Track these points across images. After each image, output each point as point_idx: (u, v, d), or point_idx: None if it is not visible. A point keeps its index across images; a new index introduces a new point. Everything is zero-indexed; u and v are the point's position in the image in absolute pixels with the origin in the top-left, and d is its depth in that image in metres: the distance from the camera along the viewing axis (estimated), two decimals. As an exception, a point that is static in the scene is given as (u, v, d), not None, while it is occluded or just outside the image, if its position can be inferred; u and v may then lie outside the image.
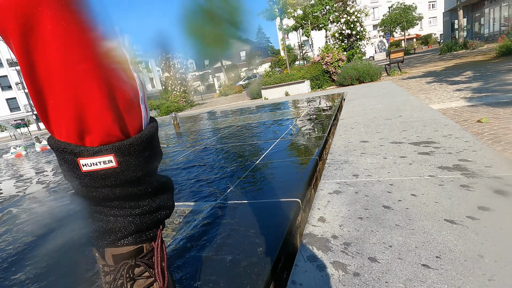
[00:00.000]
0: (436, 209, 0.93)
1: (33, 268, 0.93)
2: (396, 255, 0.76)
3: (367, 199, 1.07)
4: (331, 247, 0.84)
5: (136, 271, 0.53)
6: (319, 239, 0.88)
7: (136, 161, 0.47)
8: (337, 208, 1.05)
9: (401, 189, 1.11)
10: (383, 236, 0.84)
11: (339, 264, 0.76)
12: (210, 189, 1.39)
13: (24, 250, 1.07)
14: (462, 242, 0.76)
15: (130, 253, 0.52)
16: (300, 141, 2.05)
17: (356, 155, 1.60)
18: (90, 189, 0.47)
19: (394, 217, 0.93)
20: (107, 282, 0.52)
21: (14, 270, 0.94)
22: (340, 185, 1.24)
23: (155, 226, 0.56)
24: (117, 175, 0.46)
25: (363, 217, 0.96)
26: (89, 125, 0.42)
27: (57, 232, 1.20)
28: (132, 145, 0.46)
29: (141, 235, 0.53)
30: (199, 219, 1.09)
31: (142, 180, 0.50)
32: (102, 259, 0.53)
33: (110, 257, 0.51)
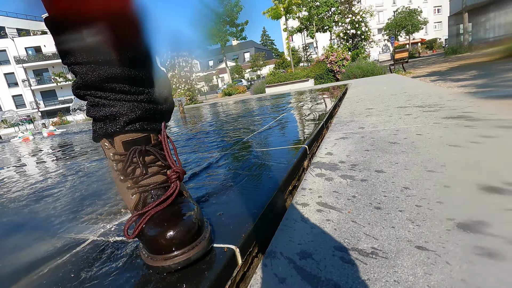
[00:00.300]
0: (441, 141, 0.96)
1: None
2: (402, 167, 0.78)
3: (373, 140, 1.10)
4: (339, 167, 0.87)
5: (147, 160, 0.54)
6: (327, 164, 0.91)
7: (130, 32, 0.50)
8: (344, 146, 1.08)
9: (406, 132, 1.13)
10: (389, 158, 0.87)
11: (347, 176, 0.79)
12: (225, 142, 1.43)
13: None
14: (465, 156, 0.79)
15: (138, 140, 0.53)
16: (307, 112, 2.08)
17: (362, 117, 1.62)
18: (92, 66, 0.49)
19: (400, 148, 0.95)
20: (118, 169, 0.53)
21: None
22: (347, 134, 1.27)
23: (159, 118, 0.58)
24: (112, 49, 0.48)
25: (369, 149, 0.99)
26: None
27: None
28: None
29: (146, 123, 0.55)
30: (219, 156, 1.12)
31: (140, 61, 0.53)
32: (112, 148, 0.54)
33: (120, 145, 0.53)
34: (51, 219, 0.76)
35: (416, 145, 0.95)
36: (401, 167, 0.78)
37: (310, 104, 2.58)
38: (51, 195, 1.01)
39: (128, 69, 0.51)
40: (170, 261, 0.42)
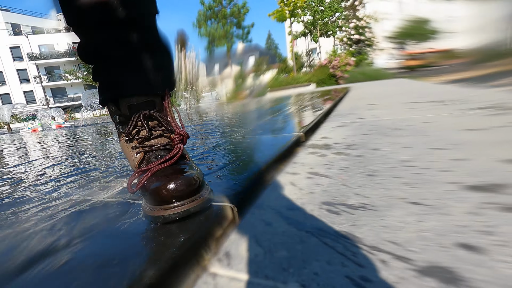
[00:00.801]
0: (454, 125, 0.94)
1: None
2: (403, 146, 0.79)
3: (373, 127, 1.11)
4: (333, 147, 0.88)
5: (151, 124, 0.56)
6: (321, 145, 0.93)
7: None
8: (341, 132, 1.09)
9: (412, 120, 1.13)
10: (390, 140, 0.87)
11: (341, 153, 0.80)
12: (230, 129, 1.45)
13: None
14: (485, 137, 0.79)
15: (143, 104, 0.55)
16: (304, 109, 2.10)
17: (362, 110, 1.64)
18: (96, 33, 0.51)
19: (403, 132, 0.95)
20: (123, 131, 0.55)
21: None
22: (345, 123, 1.28)
23: (162, 85, 0.59)
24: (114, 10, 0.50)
25: (367, 134, 1.00)
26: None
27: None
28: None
29: (150, 88, 0.57)
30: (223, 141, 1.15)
31: (142, 28, 0.55)
32: (117, 111, 0.56)
33: (126, 108, 0.54)
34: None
35: (423, 130, 0.94)
36: (402, 146, 0.79)
37: (309, 103, 2.60)
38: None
39: (135, 34, 0.53)
40: (170, 211, 0.44)
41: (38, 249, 0.41)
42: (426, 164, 0.63)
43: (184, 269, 0.37)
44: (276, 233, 0.42)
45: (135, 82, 0.55)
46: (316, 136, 1.09)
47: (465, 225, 0.38)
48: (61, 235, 0.45)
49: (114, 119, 0.58)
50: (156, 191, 0.45)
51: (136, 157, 0.54)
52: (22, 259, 0.39)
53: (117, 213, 0.53)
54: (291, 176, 0.66)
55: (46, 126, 5.84)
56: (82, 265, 0.36)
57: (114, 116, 0.58)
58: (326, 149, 0.87)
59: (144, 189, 0.47)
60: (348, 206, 0.48)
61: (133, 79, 0.55)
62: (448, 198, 0.46)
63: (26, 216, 0.56)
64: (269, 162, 0.71)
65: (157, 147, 0.54)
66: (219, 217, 0.47)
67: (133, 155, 0.54)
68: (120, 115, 0.56)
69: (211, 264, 0.38)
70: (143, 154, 0.53)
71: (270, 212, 0.49)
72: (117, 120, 0.56)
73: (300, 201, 0.52)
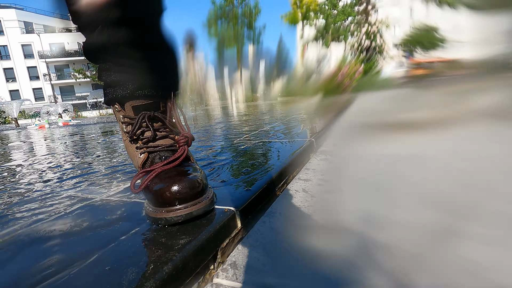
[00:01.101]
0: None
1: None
2: (410, 161, 0.78)
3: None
4: (344, 154, 0.87)
5: (155, 125, 0.56)
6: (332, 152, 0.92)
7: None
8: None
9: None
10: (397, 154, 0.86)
11: (352, 161, 0.79)
12: (239, 131, 1.45)
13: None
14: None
15: (148, 105, 0.56)
16: (315, 116, 2.09)
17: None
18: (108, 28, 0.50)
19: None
20: (127, 131, 0.56)
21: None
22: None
23: (167, 86, 0.59)
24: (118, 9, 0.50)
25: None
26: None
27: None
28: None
29: (155, 90, 0.56)
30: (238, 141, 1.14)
31: (148, 28, 0.54)
32: (122, 111, 0.56)
33: (130, 109, 0.55)
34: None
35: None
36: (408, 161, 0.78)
37: (319, 110, 2.59)
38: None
39: (140, 34, 0.53)
40: (173, 213, 0.43)
41: (30, 247, 0.40)
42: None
43: (187, 278, 0.36)
44: (286, 242, 0.41)
45: (140, 83, 0.54)
46: (328, 142, 1.08)
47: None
48: (54, 235, 0.44)
49: (119, 119, 0.57)
50: (159, 193, 0.44)
51: (140, 157, 0.54)
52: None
53: (118, 213, 0.52)
54: (303, 182, 0.65)
55: (53, 123, 5.90)
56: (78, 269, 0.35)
57: (118, 116, 0.57)
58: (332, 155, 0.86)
59: (147, 190, 0.47)
60: (360, 216, 0.46)
61: (138, 80, 0.54)
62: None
63: (21, 214, 0.55)
64: (282, 168, 0.70)
65: (161, 148, 0.54)
66: (227, 225, 0.45)
67: (137, 155, 0.54)
68: (124, 115, 0.55)
69: (216, 274, 0.37)
70: (147, 154, 0.53)
71: (281, 220, 0.48)
72: (121, 120, 0.56)
73: (312, 208, 0.50)
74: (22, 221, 0.52)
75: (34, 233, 0.46)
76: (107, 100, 0.57)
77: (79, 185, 0.72)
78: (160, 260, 0.34)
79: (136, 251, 0.37)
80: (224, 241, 0.46)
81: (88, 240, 0.42)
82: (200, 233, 0.42)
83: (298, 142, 1.01)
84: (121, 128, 0.57)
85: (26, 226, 0.49)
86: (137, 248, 0.38)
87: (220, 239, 0.45)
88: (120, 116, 0.56)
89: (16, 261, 0.38)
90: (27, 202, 0.62)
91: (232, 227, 0.49)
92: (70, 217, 0.52)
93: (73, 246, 0.40)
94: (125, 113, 0.55)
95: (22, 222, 0.51)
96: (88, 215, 0.52)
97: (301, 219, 0.47)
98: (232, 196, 0.54)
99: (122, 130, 0.57)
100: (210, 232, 0.43)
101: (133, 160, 0.56)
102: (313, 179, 0.66)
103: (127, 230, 0.44)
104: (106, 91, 0.56)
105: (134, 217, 0.49)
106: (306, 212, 0.49)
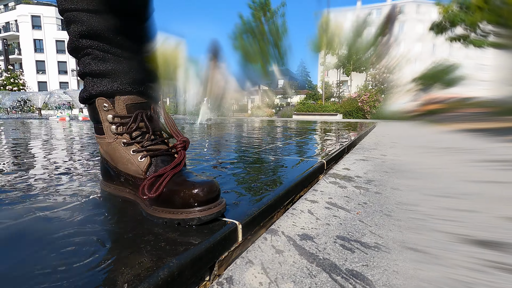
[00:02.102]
0: (464, 175, 0.92)
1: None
2: (418, 190, 0.76)
3: (394, 165, 1.08)
4: (354, 179, 0.86)
5: (150, 126, 0.52)
6: (342, 176, 0.90)
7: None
8: (363, 166, 1.06)
9: (428, 164, 1.10)
10: (407, 182, 0.84)
11: (361, 187, 0.78)
12: (251, 144, 1.45)
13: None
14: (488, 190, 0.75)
15: (142, 105, 0.52)
16: (330, 137, 2.08)
17: (385, 147, 1.60)
18: (100, 14, 0.47)
19: (422, 176, 0.93)
20: (118, 132, 0.51)
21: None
22: (367, 157, 1.25)
23: (157, 88, 0.56)
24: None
25: (388, 172, 0.97)
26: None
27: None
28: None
29: (149, 88, 0.54)
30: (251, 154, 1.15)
31: (142, 21, 0.52)
32: (112, 110, 0.51)
33: (124, 107, 0.50)
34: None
35: (441, 178, 0.92)
36: (417, 189, 0.76)
37: (334, 131, 2.58)
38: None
39: (135, 25, 0.51)
40: (205, 212, 0.44)
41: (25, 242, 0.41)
42: (435, 211, 0.60)
43: (182, 286, 0.35)
44: (285, 263, 0.40)
45: (136, 77, 0.51)
46: (339, 166, 1.06)
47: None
48: (44, 232, 0.45)
49: (105, 119, 0.51)
50: (191, 195, 0.43)
51: (140, 161, 0.50)
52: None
53: (119, 213, 0.52)
54: (310, 203, 0.64)
55: (73, 117, 6.11)
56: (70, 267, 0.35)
57: (105, 115, 0.51)
58: (347, 180, 0.84)
59: (169, 192, 0.45)
60: (362, 244, 0.45)
61: (133, 73, 0.51)
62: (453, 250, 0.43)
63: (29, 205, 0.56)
64: (289, 186, 0.69)
65: (161, 151, 0.51)
66: (227, 237, 0.45)
67: (135, 158, 0.50)
68: (115, 114, 0.50)
69: (211, 287, 0.36)
70: (149, 158, 0.50)
71: (283, 239, 0.47)
72: (109, 120, 0.50)
73: (316, 231, 0.49)
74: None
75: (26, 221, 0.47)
76: (92, 94, 0.50)
77: (84, 179, 0.73)
78: (157, 265, 0.34)
79: (133, 253, 0.37)
80: (223, 254, 0.45)
81: (83, 241, 0.42)
82: (200, 242, 0.42)
83: (309, 162, 1.00)
84: (107, 129, 0.51)
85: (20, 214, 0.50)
86: (134, 250, 0.38)
87: (219, 251, 0.44)
88: (108, 116, 0.50)
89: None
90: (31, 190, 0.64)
91: (233, 240, 0.48)
92: (69, 212, 0.53)
93: (72, 246, 0.40)
94: (115, 111, 0.50)
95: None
96: (84, 209, 0.53)
97: (303, 241, 0.46)
98: (236, 209, 0.53)
99: (108, 132, 0.51)
100: (210, 242, 0.42)
101: (124, 163, 0.51)
102: (320, 201, 0.65)
103: (122, 233, 0.44)
104: (92, 83, 0.50)
105: (133, 219, 0.49)
106: (309, 234, 0.48)
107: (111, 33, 0.48)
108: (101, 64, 0.49)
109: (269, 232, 0.50)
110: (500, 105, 4.86)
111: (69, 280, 0.31)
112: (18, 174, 0.77)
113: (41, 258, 0.35)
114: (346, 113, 10.78)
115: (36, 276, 0.31)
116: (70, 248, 0.37)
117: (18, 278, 0.31)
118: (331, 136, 2.02)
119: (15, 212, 0.50)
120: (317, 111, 11.10)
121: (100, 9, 0.47)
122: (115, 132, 0.50)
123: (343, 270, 0.38)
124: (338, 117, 10.49)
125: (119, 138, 0.50)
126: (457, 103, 11.93)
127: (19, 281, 0.30)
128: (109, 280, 0.31)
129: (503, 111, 4.52)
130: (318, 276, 0.37)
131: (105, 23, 0.48)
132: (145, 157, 0.50)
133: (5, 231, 0.43)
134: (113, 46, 0.49)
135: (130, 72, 0.50)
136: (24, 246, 0.38)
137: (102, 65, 0.49)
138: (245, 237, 0.48)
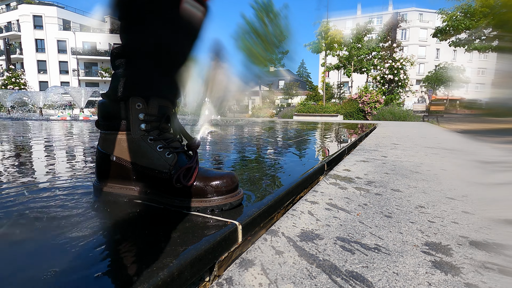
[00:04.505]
0: (466, 176, 0.92)
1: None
2: (420, 191, 0.76)
3: (395, 167, 1.07)
4: (354, 181, 0.85)
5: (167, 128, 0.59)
6: (343, 177, 0.90)
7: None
8: (363, 167, 1.06)
9: (431, 166, 1.10)
10: (409, 182, 0.84)
11: (362, 188, 0.77)
12: (252, 145, 1.45)
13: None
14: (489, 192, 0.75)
15: (168, 108, 0.58)
16: (330, 138, 2.07)
17: (386, 149, 1.60)
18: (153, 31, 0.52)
19: (421, 176, 0.93)
20: (146, 129, 0.55)
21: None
22: (368, 158, 1.25)
23: (178, 93, 0.61)
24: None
25: (389, 173, 0.96)
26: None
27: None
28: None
29: (174, 96, 0.59)
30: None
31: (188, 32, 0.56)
32: (144, 108, 0.56)
33: (156, 107, 0.56)
34: (73, 173, 0.81)
35: (439, 177, 0.92)
36: (419, 191, 0.76)
37: (335, 133, 2.58)
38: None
39: (182, 36, 0.55)
40: (236, 197, 0.53)
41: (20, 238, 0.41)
42: (439, 212, 0.60)
43: (181, 287, 0.35)
44: (285, 263, 0.40)
45: (172, 85, 0.58)
46: (339, 167, 1.06)
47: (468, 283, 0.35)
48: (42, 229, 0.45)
49: (135, 118, 0.55)
50: (225, 183, 0.52)
51: (168, 157, 0.55)
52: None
53: (119, 212, 0.52)
54: (310, 204, 0.64)
55: (73, 117, 6.11)
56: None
57: (136, 114, 0.55)
58: (347, 182, 0.84)
59: (205, 181, 0.53)
60: (362, 245, 0.45)
61: (171, 81, 0.58)
62: (457, 253, 0.43)
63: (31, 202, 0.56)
64: (290, 187, 0.69)
65: (183, 149, 0.58)
66: (227, 238, 0.45)
67: (163, 154, 0.55)
68: (147, 113, 0.56)
69: (211, 287, 0.36)
70: (176, 155, 0.55)
71: (283, 240, 0.47)
72: (141, 118, 0.55)
73: (316, 232, 0.49)
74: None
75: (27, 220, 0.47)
76: (131, 92, 0.55)
77: (81, 177, 0.73)
78: (156, 265, 0.34)
79: (133, 254, 0.37)
80: (223, 254, 0.45)
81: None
82: (200, 243, 0.42)
83: (309, 163, 1.00)
84: (134, 126, 0.56)
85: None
86: (134, 251, 0.38)
87: (219, 251, 0.44)
88: (140, 115, 0.55)
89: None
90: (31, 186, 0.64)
91: (233, 241, 0.48)
92: (69, 211, 0.53)
93: (72, 246, 0.40)
94: (148, 110, 0.56)
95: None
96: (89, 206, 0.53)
97: (303, 242, 0.46)
98: (236, 209, 0.53)
99: (135, 128, 0.56)
100: (209, 242, 0.42)
101: (145, 159, 0.55)
102: (320, 202, 0.65)
103: (125, 232, 0.44)
104: (131, 83, 0.55)
105: (133, 220, 0.49)
106: (309, 235, 0.48)
107: (162, 41, 0.54)
108: (143, 70, 0.55)
109: (269, 233, 0.49)
110: (499, 107, 4.88)
111: (69, 280, 0.31)
112: (18, 174, 0.77)
113: (41, 259, 0.35)
114: (347, 114, 10.76)
115: (36, 278, 0.31)
116: (70, 248, 0.37)
117: (18, 280, 0.31)
118: (332, 137, 2.01)
119: (15, 212, 0.50)
120: (317, 112, 11.07)
121: (154, 26, 0.53)
122: (143, 129, 0.55)
123: (343, 271, 0.38)
124: (338, 118, 10.46)
125: (146, 135, 0.55)
126: (457, 104, 11.87)
127: (20, 282, 0.30)
128: (109, 281, 0.31)
129: (501, 112, 4.54)
130: (318, 277, 0.36)
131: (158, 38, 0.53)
132: (172, 154, 0.55)
133: (5, 231, 0.43)
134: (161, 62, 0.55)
135: (167, 78, 0.57)
136: (24, 246, 0.38)
137: (146, 71, 0.55)
138: (245, 238, 0.48)
